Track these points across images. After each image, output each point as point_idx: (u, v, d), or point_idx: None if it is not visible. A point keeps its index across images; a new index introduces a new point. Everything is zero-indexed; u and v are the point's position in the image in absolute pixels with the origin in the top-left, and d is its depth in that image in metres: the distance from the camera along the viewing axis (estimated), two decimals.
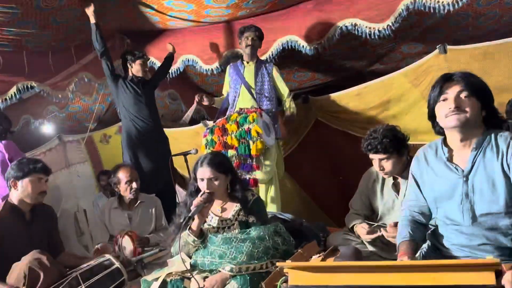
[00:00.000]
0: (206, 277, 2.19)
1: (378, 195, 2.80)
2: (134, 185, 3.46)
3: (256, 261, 2.16)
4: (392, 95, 3.90)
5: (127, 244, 3.11)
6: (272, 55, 4.26)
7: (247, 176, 3.69)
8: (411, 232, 1.98)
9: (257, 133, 3.63)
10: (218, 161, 2.46)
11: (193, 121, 4.75)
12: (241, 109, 3.90)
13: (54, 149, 5.36)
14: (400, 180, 2.70)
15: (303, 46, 4.10)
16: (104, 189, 5.46)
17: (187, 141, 4.53)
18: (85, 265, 2.62)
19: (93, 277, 2.48)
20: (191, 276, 2.17)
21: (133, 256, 2.99)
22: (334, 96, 4.19)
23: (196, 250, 2.39)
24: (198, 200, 2.33)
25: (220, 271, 2.17)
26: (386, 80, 3.88)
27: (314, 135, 4.58)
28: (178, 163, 4.42)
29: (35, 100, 5.12)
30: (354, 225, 2.76)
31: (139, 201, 3.54)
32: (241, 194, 2.47)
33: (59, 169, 5.34)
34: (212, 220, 2.48)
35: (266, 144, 3.71)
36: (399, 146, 2.60)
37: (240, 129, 3.71)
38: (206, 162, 2.42)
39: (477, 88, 1.86)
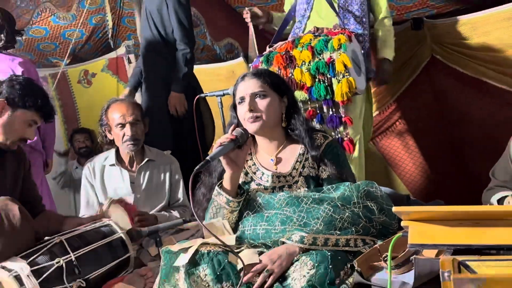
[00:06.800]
0: (262, 253, 1.78)
1: None
2: (128, 130, 2.55)
3: (338, 232, 1.73)
4: None
5: (119, 216, 2.27)
6: None
7: (338, 136, 2.76)
8: None
9: (345, 66, 2.66)
10: (269, 73, 2.12)
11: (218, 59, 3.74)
12: (317, 28, 2.90)
13: None
14: None
15: None
16: (79, 155, 4.29)
17: (216, 85, 3.52)
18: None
19: (85, 247, 1.96)
20: (238, 248, 1.78)
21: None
22: (466, 20, 3.21)
23: (237, 219, 1.93)
24: (225, 137, 1.85)
25: (283, 242, 1.76)
26: None
27: (426, 84, 3.56)
28: None
29: None
30: (502, 197, 2.26)
31: (146, 159, 2.67)
32: (305, 132, 2.01)
33: None
34: (263, 178, 2.03)
35: (356, 87, 2.74)
36: None
37: (317, 59, 2.73)
38: (251, 72, 2.10)
39: None
